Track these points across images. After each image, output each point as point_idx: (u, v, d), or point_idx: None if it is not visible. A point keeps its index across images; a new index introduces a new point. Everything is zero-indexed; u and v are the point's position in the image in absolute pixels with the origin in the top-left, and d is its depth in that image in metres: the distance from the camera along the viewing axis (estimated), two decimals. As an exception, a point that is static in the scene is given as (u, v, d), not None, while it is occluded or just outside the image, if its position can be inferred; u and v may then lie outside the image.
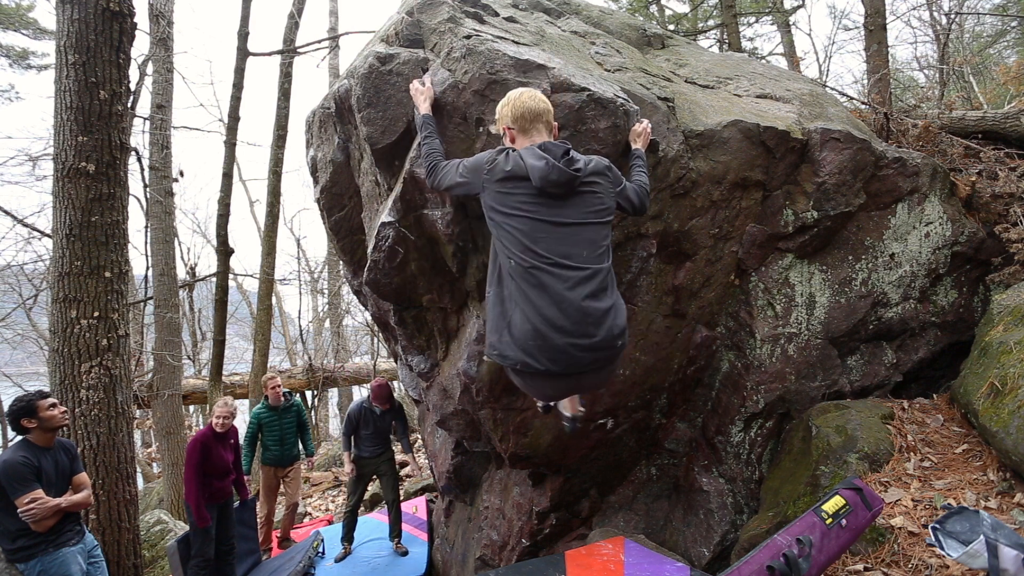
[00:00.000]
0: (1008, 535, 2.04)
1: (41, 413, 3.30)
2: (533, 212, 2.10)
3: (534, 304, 2.05)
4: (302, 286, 19.86)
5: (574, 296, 2.06)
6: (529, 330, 2.05)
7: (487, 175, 2.17)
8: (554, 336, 2.03)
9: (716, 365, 3.59)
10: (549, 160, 2.07)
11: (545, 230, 2.09)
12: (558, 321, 2.04)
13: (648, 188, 2.55)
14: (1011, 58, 12.20)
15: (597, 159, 2.24)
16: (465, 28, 2.83)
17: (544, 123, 2.24)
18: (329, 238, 4.26)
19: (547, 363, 2.05)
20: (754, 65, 4.45)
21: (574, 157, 2.14)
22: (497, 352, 2.15)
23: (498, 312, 2.16)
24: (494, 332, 2.17)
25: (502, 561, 3.91)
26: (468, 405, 3.40)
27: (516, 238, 2.09)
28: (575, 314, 2.05)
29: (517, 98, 2.22)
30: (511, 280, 2.11)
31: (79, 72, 4.27)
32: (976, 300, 3.93)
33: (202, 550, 4.45)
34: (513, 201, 2.11)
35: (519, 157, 2.14)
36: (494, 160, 2.17)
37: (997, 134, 4.87)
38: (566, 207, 2.12)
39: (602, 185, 2.20)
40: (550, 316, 2.04)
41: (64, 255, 4.32)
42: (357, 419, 5.32)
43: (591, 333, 2.07)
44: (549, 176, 2.06)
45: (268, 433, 5.85)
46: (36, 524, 3.13)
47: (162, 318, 8.72)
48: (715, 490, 3.49)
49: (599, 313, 2.08)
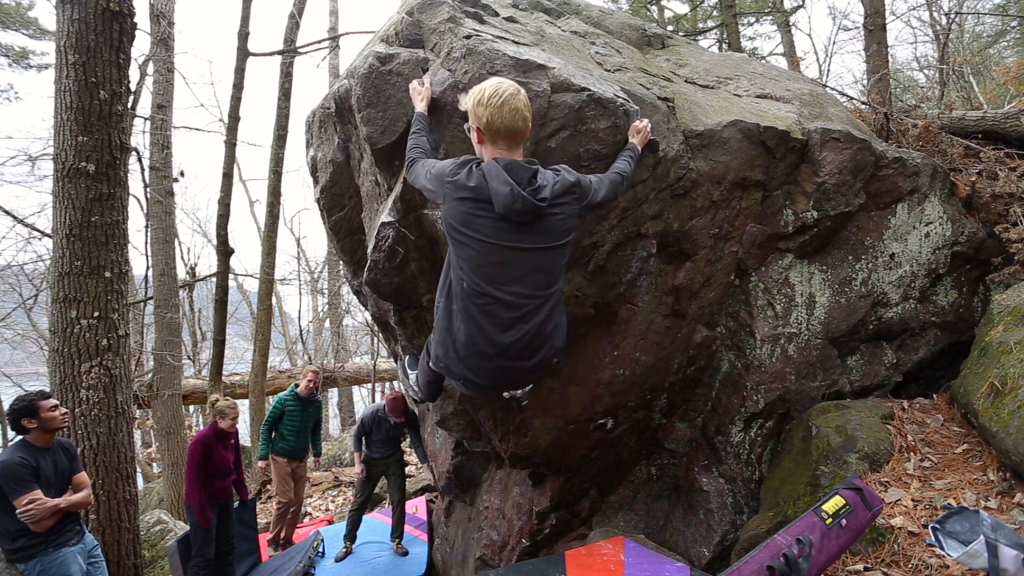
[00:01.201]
0: (1008, 535, 2.04)
1: (42, 414, 3.30)
2: (491, 236, 2.06)
3: (479, 327, 2.11)
4: (302, 286, 19.89)
5: (518, 326, 2.12)
6: (473, 352, 2.14)
7: (448, 187, 2.10)
8: (495, 360, 2.14)
9: (716, 365, 3.59)
10: (514, 188, 2.00)
11: (501, 256, 2.08)
12: (500, 347, 2.12)
13: (627, 176, 2.51)
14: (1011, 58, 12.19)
15: (564, 176, 2.15)
16: (465, 28, 2.83)
17: (519, 142, 2.13)
18: (329, 238, 4.26)
19: (487, 380, 2.21)
20: (754, 65, 4.45)
21: (540, 185, 2.07)
22: (443, 365, 2.25)
23: (445, 326, 2.21)
24: (440, 345, 2.24)
25: (502, 561, 3.91)
26: (468, 405, 3.40)
27: (471, 260, 2.08)
28: (516, 344, 2.13)
29: (497, 107, 2.05)
30: (460, 298, 2.13)
31: (79, 72, 4.27)
32: (976, 300, 3.93)
33: (202, 550, 4.45)
34: (473, 222, 2.06)
35: (483, 177, 2.06)
36: (456, 174, 2.09)
37: (997, 134, 4.87)
38: (526, 233, 2.08)
39: (567, 206, 2.14)
40: (494, 341, 2.11)
41: (64, 255, 4.32)
42: (370, 425, 5.40)
43: (530, 357, 2.18)
44: (513, 206, 2.00)
45: (289, 422, 5.86)
46: (35, 525, 3.13)
47: (162, 318, 8.72)
48: (715, 490, 3.49)
49: (540, 341, 2.18)
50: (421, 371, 3.01)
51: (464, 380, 2.23)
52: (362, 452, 5.41)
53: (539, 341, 2.17)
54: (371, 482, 5.50)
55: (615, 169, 2.51)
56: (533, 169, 2.10)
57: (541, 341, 2.18)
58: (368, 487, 5.48)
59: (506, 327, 2.11)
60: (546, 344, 2.20)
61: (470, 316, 2.11)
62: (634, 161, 2.61)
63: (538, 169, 2.11)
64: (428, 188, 2.26)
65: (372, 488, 5.57)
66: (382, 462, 5.43)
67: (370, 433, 5.40)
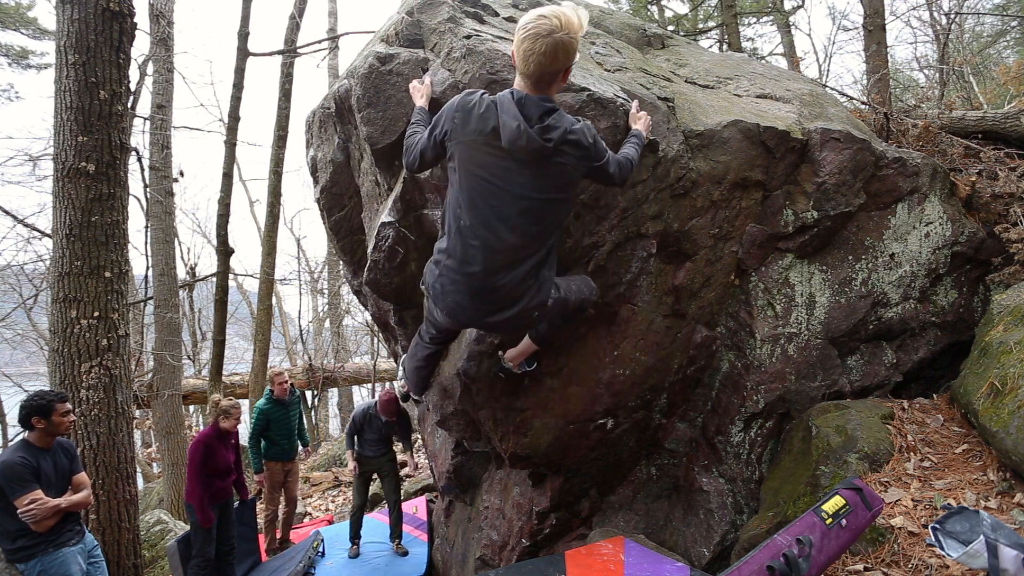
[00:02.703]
0: (1008, 535, 2.04)
1: (55, 417, 3.30)
2: (492, 174, 2.05)
3: (463, 269, 2.15)
4: (302, 286, 19.89)
5: (501, 274, 2.14)
6: (452, 291, 2.20)
7: (456, 121, 2.08)
8: (476, 299, 2.19)
9: (716, 365, 3.59)
10: (522, 124, 1.97)
11: (498, 197, 2.07)
12: (482, 290, 2.16)
13: (634, 162, 2.47)
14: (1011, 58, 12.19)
15: (583, 127, 2.10)
16: (465, 28, 2.83)
17: (545, 84, 2.03)
18: (329, 238, 4.26)
19: (464, 322, 2.34)
20: (754, 65, 4.45)
21: (551, 124, 2.01)
22: (428, 287, 2.31)
23: (435, 259, 2.27)
24: (431, 273, 2.29)
25: (502, 561, 3.91)
26: (468, 405, 3.40)
27: (468, 196, 2.09)
28: (491, 293, 2.16)
29: (532, 39, 1.93)
30: (453, 235, 2.17)
31: (79, 72, 4.27)
32: (976, 300, 3.93)
33: (203, 550, 4.45)
34: (477, 156, 2.05)
35: (494, 107, 2.03)
36: (465, 105, 2.07)
37: (997, 134, 4.87)
38: (529, 176, 2.05)
39: (572, 157, 2.08)
40: (479, 283, 2.15)
41: (64, 255, 4.31)
42: (362, 423, 5.43)
43: (505, 307, 2.20)
44: (518, 142, 1.98)
45: (276, 428, 5.86)
46: (36, 524, 3.13)
47: (162, 318, 8.72)
48: (715, 490, 3.49)
49: (521, 291, 2.18)
50: (411, 354, 2.98)
51: (443, 308, 2.27)
52: (354, 450, 5.45)
53: (519, 291, 2.17)
54: (366, 481, 5.53)
55: (622, 154, 2.47)
56: (547, 107, 2.03)
57: (522, 291, 2.17)
58: (364, 486, 5.52)
59: (492, 272, 2.12)
60: (526, 296, 2.19)
61: (456, 255, 2.15)
62: (640, 147, 2.58)
63: (554, 109, 2.05)
64: (429, 146, 2.24)
65: (368, 487, 5.60)
66: (375, 460, 5.46)
67: (362, 431, 5.43)
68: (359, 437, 5.44)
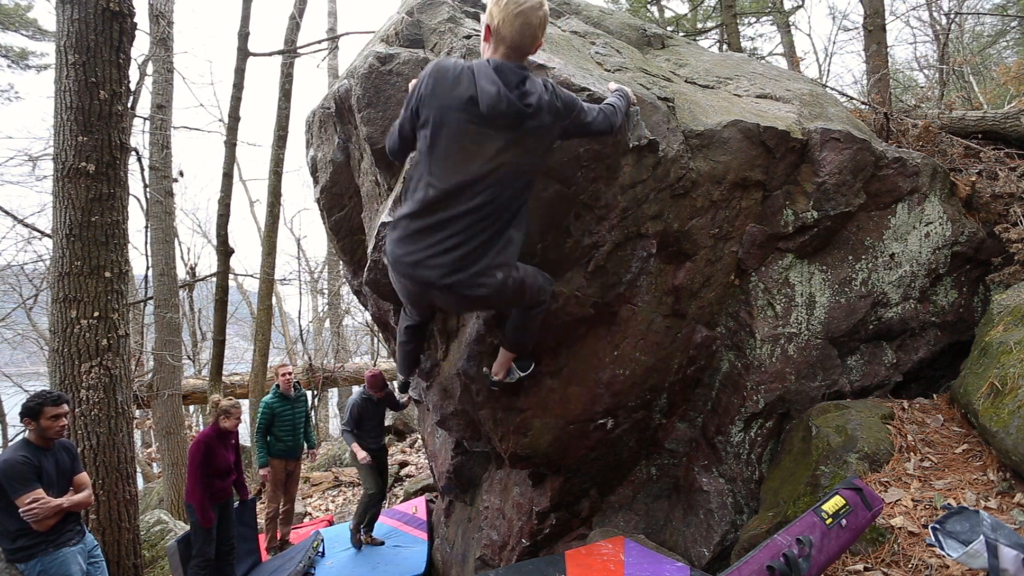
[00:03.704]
0: (1008, 535, 2.04)
1: (42, 420, 3.28)
2: (466, 139, 2.05)
3: (428, 229, 2.11)
4: (302, 286, 19.88)
5: (465, 236, 2.10)
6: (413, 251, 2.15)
7: (427, 86, 2.08)
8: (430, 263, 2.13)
9: (716, 365, 3.59)
10: (501, 89, 1.98)
11: (470, 161, 2.06)
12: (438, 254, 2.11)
13: (619, 109, 2.45)
14: (1011, 58, 12.19)
15: (553, 86, 2.13)
16: (465, 28, 2.83)
17: (521, 57, 2.09)
18: (329, 238, 4.26)
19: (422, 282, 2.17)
20: (754, 65, 4.45)
21: (528, 89, 2.04)
22: (388, 255, 2.27)
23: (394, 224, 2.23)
24: (390, 240, 2.24)
25: (502, 561, 3.91)
26: (468, 405, 3.40)
27: (439, 160, 2.07)
28: (454, 251, 2.10)
29: (511, 15, 2.00)
30: (419, 200, 2.13)
31: (79, 72, 4.27)
32: (976, 300, 3.93)
33: (203, 550, 4.45)
34: (452, 120, 2.04)
35: (471, 73, 2.04)
36: (442, 71, 2.07)
37: (997, 134, 4.87)
38: (503, 141, 2.06)
39: (548, 117, 2.10)
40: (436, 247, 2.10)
41: (64, 255, 4.31)
42: (360, 411, 5.46)
43: (467, 267, 2.13)
44: (497, 106, 1.98)
45: (281, 423, 5.87)
46: (37, 524, 3.13)
47: (162, 318, 8.72)
48: (715, 490, 3.49)
49: (484, 251, 2.13)
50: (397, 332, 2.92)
51: (402, 272, 2.22)
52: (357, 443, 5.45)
53: (484, 250, 2.14)
54: (377, 471, 5.56)
55: (607, 102, 2.47)
56: (523, 74, 2.06)
57: (485, 250, 2.14)
58: (377, 474, 5.54)
59: (458, 233, 2.09)
60: (489, 254, 2.16)
61: (430, 213, 2.11)
62: (624, 100, 2.57)
63: (528, 76, 2.08)
64: (406, 118, 2.22)
65: (381, 474, 5.63)
66: (378, 453, 5.52)
67: (360, 420, 5.45)
68: (359, 429, 5.48)
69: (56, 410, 3.31)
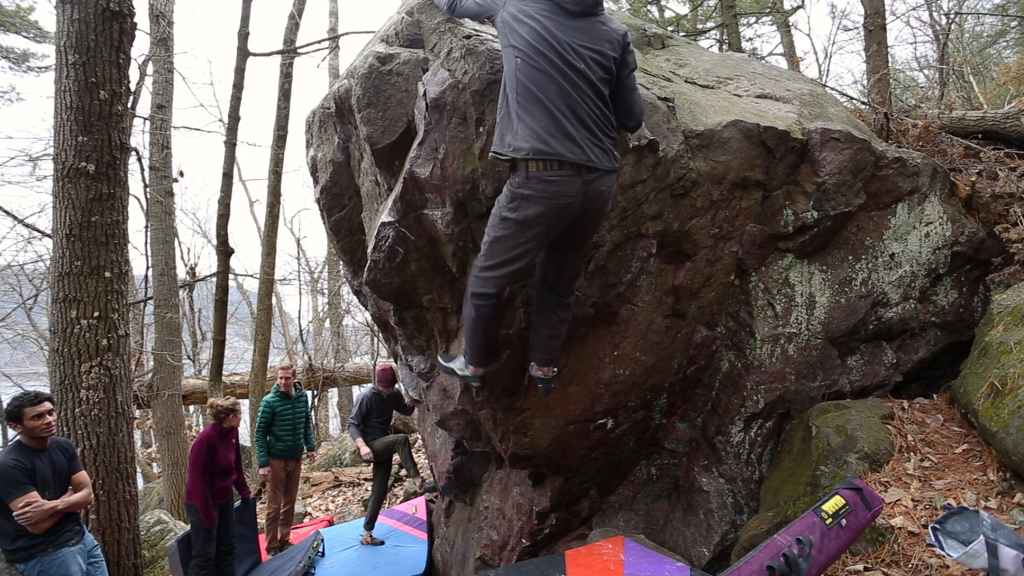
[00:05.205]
0: (1008, 535, 2.04)
1: (25, 421, 3.23)
2: (549, 25, 2.33)
3: (547, 106, 2.32)
4: (302, 286, 19.86)
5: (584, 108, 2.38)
6: (550, 127, 2.34)
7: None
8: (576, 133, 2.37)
9: (716, 365, 3.59)
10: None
11: (560, 30, 2.35)
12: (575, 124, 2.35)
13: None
14: (1011, 58, 12.19)
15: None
16: (465, 28, 2.83)
17: None
18: (329, 238, 4.26)
19: (576, 154, 2.35)
20: (754, 65, 4.45)
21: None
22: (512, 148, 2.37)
23: (507, 121, 2.40)
24: (507, 134, 2.40)
25: (502, 561, 3.91)
26: (468, 405, 3.40)
27: (526, 39, 2.32)
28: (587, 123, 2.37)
29: None
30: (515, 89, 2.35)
31: (79, 72, 4.27)
32: (976, 300, 3.93)
33: (203, 550, 4.44)
34: (531, 10, 2.36)
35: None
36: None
37: (997, 134, 4.86)
38: (578, 28, 2.38)
39: (614, 35, 2.45)
40: (569, 118, 2.33)
41: (64, 255, 4.31)
42: (369, 406, 5.57)
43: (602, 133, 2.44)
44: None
45: (281, 423, 5.88)
46: (33, 527, 3.11)
47: (162, 318, 8.72)
48: (715, 490, 3.49)
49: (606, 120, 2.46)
50: (474, 322, 2.69)
51: (549, 154, 2.33)
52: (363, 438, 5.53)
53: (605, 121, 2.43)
54: (383, 468, 5.64)
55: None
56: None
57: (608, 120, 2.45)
58: (381, 471, 5.63)
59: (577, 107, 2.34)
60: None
61: (532, 97, 2.32)
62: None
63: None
64: (481, 6, 2.54)
65: (385, 472, 5.72)
66: (382, 452, 5.56)
67: (368, 416, 5.54)
68: (366, 425, 5.54)
69: (36, 409, 3.24)
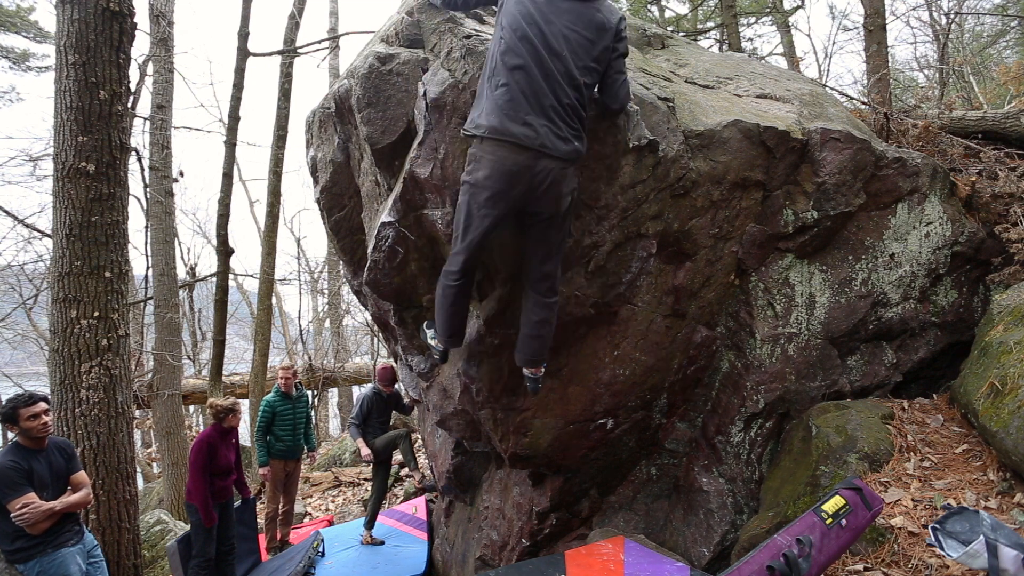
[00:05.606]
0: (1008, 535, 2.04)
1: (21, 422, 3.23)
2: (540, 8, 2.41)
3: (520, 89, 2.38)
4: (302, 286, 19.85)
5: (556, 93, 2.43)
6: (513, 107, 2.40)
7: None
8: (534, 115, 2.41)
9: (716, 365, 3.59)
10: None
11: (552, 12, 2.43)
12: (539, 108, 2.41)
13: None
14: (1011, 58, 12.18)
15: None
16: (465, 28, 2.83)
17: None
18: (329, 238, 4.26)
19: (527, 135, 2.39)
20: (754, 65, 4.45)
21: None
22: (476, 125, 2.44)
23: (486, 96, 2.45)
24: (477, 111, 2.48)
25: (502, 561, 3.91)
26: (468, 405, 3.40)
27: (514, 20, 2.40)
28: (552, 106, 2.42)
29: None
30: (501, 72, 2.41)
31: (79, 72, 4.26)
32: (976, 300, 3.93)
33: (203, 550, 4.44)
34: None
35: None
36: None
37: (997, 134, 4.86)
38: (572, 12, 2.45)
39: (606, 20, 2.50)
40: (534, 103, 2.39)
41: (64, 255, 4.31)
42: (370, 406, 5.57)
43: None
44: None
45: (281, 423, 5.88)
46: (30, 528, 3.11)
47: (162, 318, 8.72)
48: (715, 490, 3.49)
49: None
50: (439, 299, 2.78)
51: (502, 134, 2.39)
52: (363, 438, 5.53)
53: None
54: (380, 468, 5.63)
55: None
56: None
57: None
58: (382, 472, 5.63)
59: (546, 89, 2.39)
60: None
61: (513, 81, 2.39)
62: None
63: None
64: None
65: (385, 472, 5.72)
66: (381, 452, 5.56)
67: (369, 416, 5.54)
68: (366, 425, 5.54)
69: (31, 410, 3.24)
